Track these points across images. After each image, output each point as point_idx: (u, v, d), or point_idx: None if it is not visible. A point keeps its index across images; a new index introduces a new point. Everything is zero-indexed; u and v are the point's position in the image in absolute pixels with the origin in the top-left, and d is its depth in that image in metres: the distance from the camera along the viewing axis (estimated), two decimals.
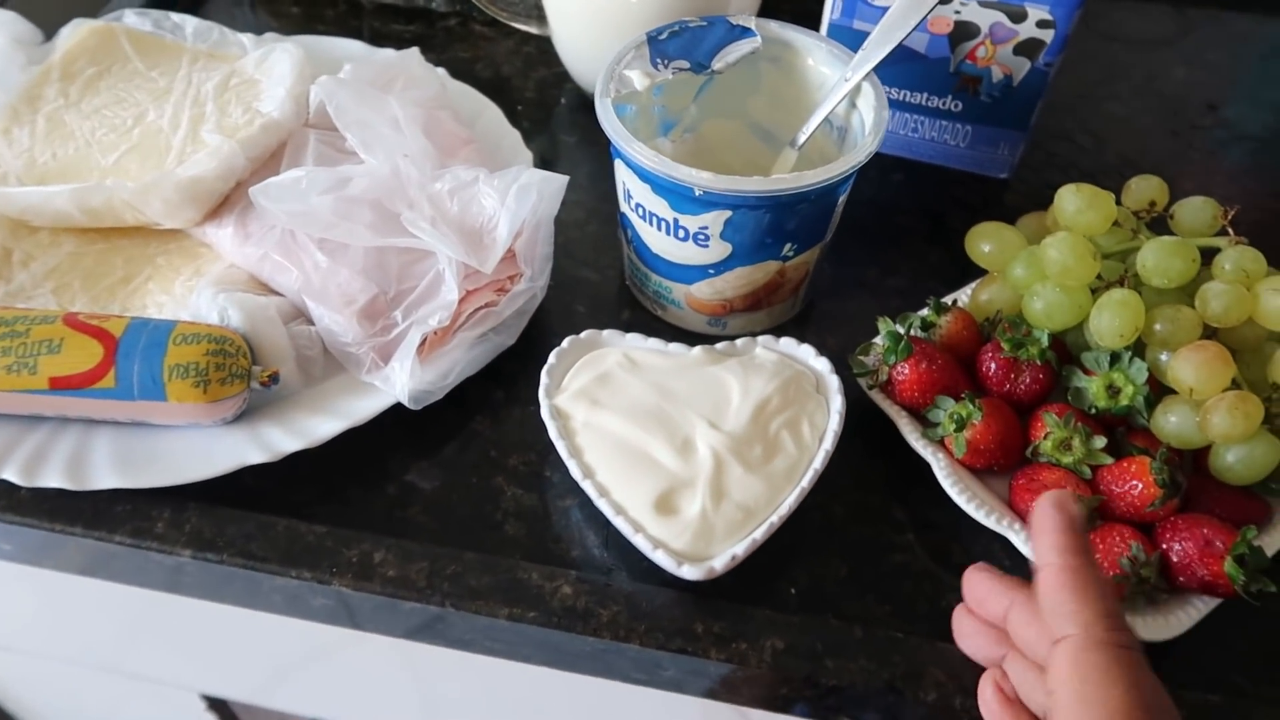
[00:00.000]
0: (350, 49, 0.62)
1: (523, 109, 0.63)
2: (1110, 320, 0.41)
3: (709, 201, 0.43)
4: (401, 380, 0.43)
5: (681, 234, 0.45)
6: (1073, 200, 0.44)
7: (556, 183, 0.47)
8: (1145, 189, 0.46)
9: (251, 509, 0.42)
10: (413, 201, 0.48)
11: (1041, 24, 0.51)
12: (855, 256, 0.54)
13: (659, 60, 0.48)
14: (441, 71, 0.60)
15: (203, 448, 0.43)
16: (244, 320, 0.45)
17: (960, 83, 0.55)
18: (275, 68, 0.57)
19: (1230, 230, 0.44)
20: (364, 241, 0.46)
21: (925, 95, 0.56)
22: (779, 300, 0.49)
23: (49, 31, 0.60)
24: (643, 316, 0.52)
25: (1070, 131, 0.62)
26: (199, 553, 0.41)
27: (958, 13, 0.52)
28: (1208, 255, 0.43)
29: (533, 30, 0.61)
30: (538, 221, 0.47)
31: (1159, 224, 0.47)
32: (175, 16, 0.61)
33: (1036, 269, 0.44)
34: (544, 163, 0.60)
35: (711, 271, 0.46)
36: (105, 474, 0.41)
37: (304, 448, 0.43)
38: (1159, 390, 0.42)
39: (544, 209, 0.47)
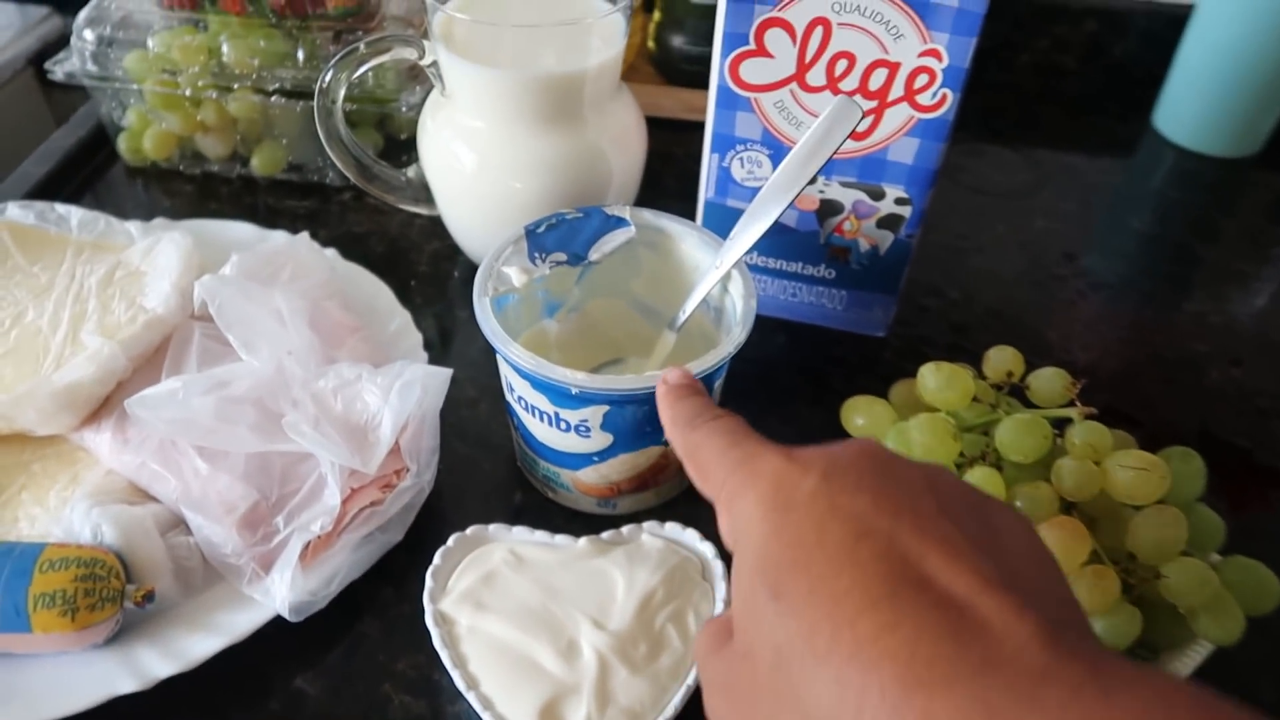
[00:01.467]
0: (240, 233, 0.63)
1: (416, 284, 0.64)
2: None
3: (586, 398, 0.44)
4: (281, 593, 0.43)
5: (564, 426, 0.46)
6: (933, 379, 0.46)
7: (440, 377, 0.48)
8: (1002, 360, 0.49)
9: None
10: (296, 400, 0.48)
11: (899, 201, 0.55)
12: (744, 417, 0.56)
13: (537, 255, 0.49)
14: (331, 252, 0.61)
15: (68, 677, 0.41)
16: (118, 536, 0.44)
17: (831, 253, 0.58)
18: (161, 259, 0.57)
19: (1078, 402, 0.46)
20: (245, 448, 0.46)
21: (800, 264, 0.59)
22: (665, 479, 0.50)
23: None
24: (535, 498, 0.52)
25: (940, 286, 0.66)
26: None
27: (822, 192, 0.55)
28: (1062, 424, 0.46)
29: (422, 212, 0.63)
30: (422, 416, 0.48)
31: (1018, 392, 0.49)
32: (60, 208, 0.61)
33: (905, 446, 0.46)
34: (438, 338, 0.61)
35: (596, 459, 0.47)
36: None
37: (180, 671, 0.42)
38: None
39: (429, 403, 0.48)
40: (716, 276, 0.48)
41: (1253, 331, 0.64)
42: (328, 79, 0.55)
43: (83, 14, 0.67)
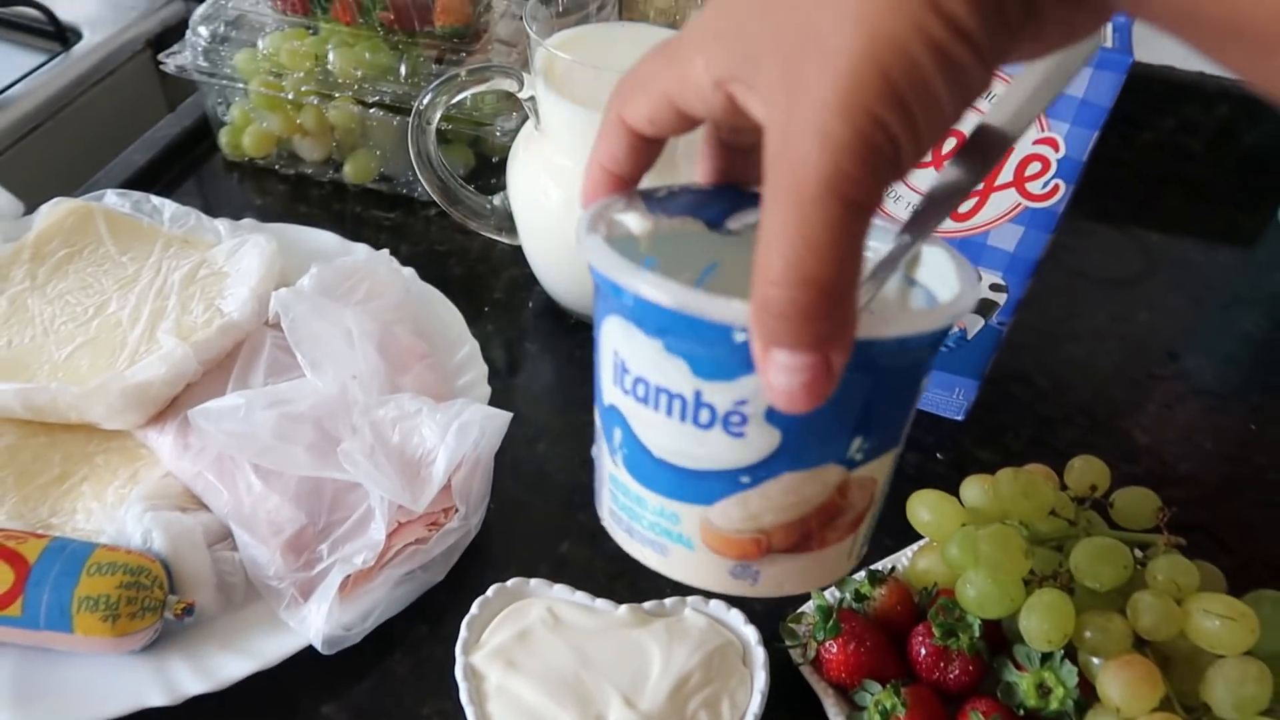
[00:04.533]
0: (325, 242, 0.63)
1: (490, 310, 0.64)
2: (1039, 624, 0.40)
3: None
4: (317, 624, 0.42)
5: (705, 416, 0.29)
6: (1010, 485, 0.44)
7: (499, 420, 0.48)
8: (1087, 472, 0.46)
9: None
10: (355, 426, 0.48)
11: (995, 287, 0.52)
12: None
13: (657, 210, 0.32)
14: (409, 272, 0.61)
15: (100, 682, 0.41)
16: (167, 544, 0.44)
17: None
18: (244, 261, 0.58)
19: (1165, 530, 0.43)
20: (299, 470, 0.46)
21: None
22: (833, 539, 0.31)
23: (31, 204, 0.62)
24: (583, 550, 0.51)
25: (1029, 372, 0.63)
26: None
27: None
28: (1145, 546, 0.43)
29: (504, 240, 0.62)
30: (477, 458, 0.47)
31: (1100, 507, 0.46)
32: (155, 199, 0.62)
33: (971, 553, 0.43)
34: (505, 368, 0.60)
35: (745, 480, 0.29)
36: None
37: (209, 690, 0.42)
38: (1091, 692, 0.41)
39: (485, 446, 0.47)
40: (909, 251, 0.30)
41: None
42: (425, 101, 0.55)
43: (200, 9, 0.68)
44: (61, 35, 0.86)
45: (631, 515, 0.32)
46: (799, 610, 0.46)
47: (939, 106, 0.21)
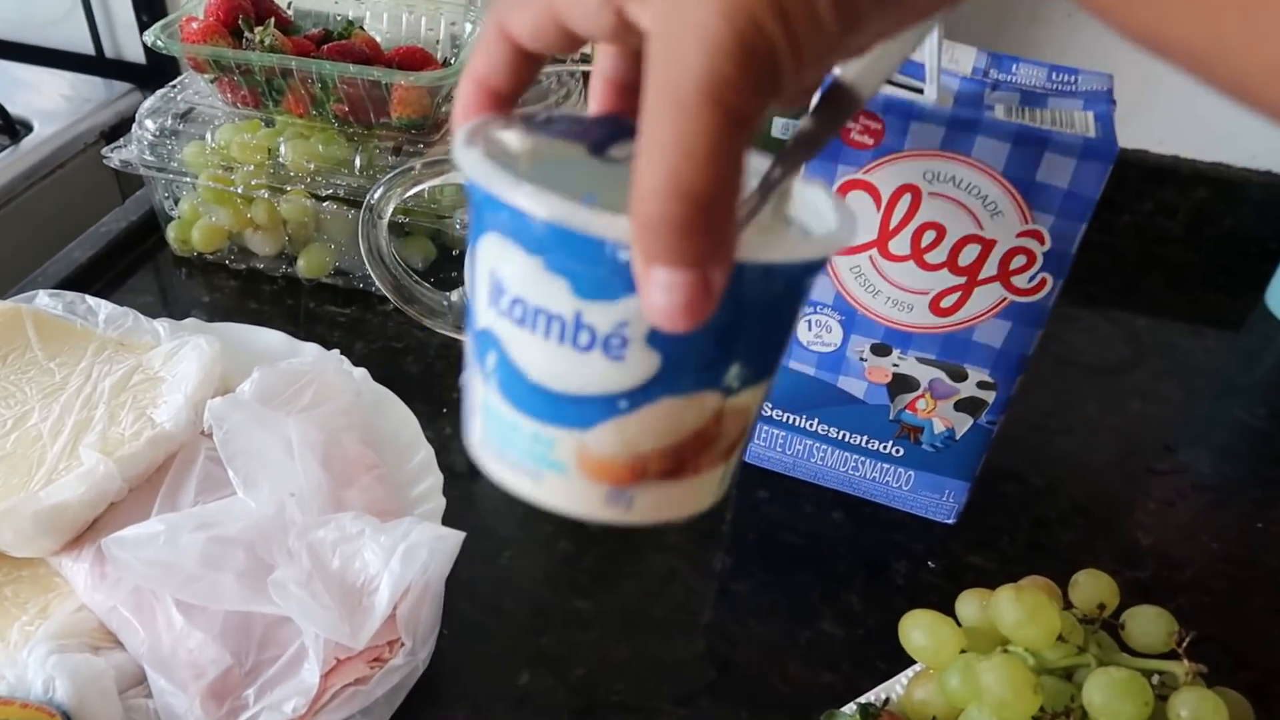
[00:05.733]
0: (272, 341, 0.59)
1: (448, 411, 0.60)
2: None
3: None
4: None
5: (585, 338, 0.28)
6: (1013, 610, 0.40)
7: (450, 540, 0.43)
8: (1094, 589, 0.42)
9: None
10: (291, 550, 0.43)
11: (982, 385, 0.49)
12: (786, 609, 0.50)
13: (539, 134, 0.31)
14: (361, 373, 0.57)
15: None
16: (71, 693, 0.39)
17: (901, 430, 0.52)
18: (181, 365, 0.54)
19: (1183, 654, 0.39)
20: (227, 604, 0.41)
21: (864, 437, 0.53)
22: (706, 466, 0.31)
23: None
24: (544, 681, 0.46)
25: (1022, 470, 0.59)
26: None
27: (896, 365, 0.50)
28: (1159, 670, 0.39)
29: (464, 339, 0.59)
30: (425, 584, 0.43)
31: (1110, 627, 0.42)
32: (90, 300, 0.58)
33: (972, 686, 0.39)
34: (465, 474, 0.56)
35: (624, 404, 0.28)
36: None
37: None
38: None
39: (434, 570, 0.43)
40: (779, 180, 0.30)
41: None
42: (377, 195, 0.52)
43: (147, 102, 0.66)
44: (10, 129, 0.84)
45: (505, 441, 0.30)
46: None
47: (819, 23, 0.21)
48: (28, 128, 0.85)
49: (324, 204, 0.64)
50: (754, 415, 0.32)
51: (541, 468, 0.30)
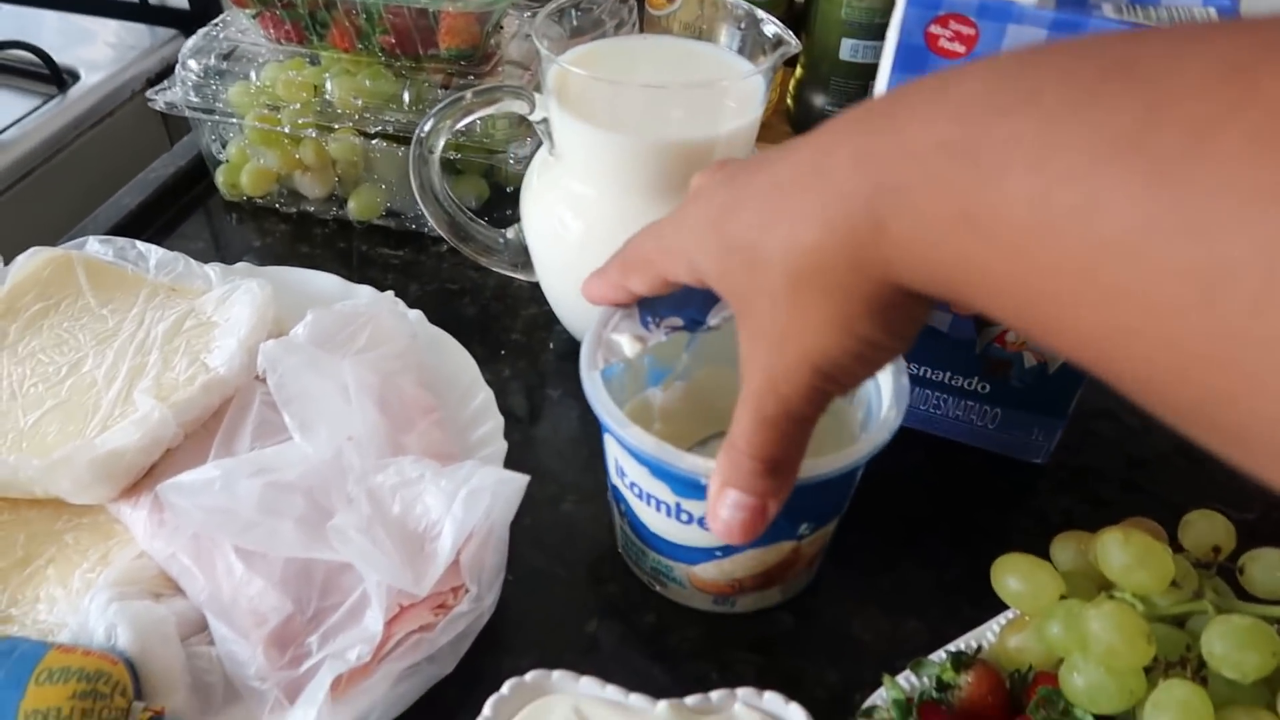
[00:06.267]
0: (325, 284, 0.57)
1: (506, 353, 0.58)
2: None
3: None
4: None
5: (685, 518, 0.39)
6: (1120, 553, 0.37)
7: (514, 484, 0.41)
8: (1207, 532, 0.39)
9: None
10: (350, 496, 0.42)
11: None
12: (865, 562, 0.47)
13: (650, 320, 0.40)
14: (417, 314, 0.55)
15: None
16: (134, 641, 0.38)
17: (988, 366, 0.49)
18: (234, 310, 0.52)
19: None
20: (286, 551, 0.40)
21: (948, 374, 0.50)
22: (793, 575, 0.43)
23: (9, 254, 0.57)
24: (614, 630, 0.44)
25: (1115, 408, 0.55)
26: None
27: None
28: None
29: (520, 278, 0.56)
30: (489, 529, 0.41)
31: (1226, 571, 0.39)
32: (140, 245, 0.57)
33: (1076, 634, 0.36)
34: (526, 417, 0.54)
35: (719, 554, 0.40)
36: None
37: None
38: None
39: (498, 514, 0.41)
40: None
41: None
42: (427, 128, 0.50)
43: (189, 43, 0.64)
44: (58, 78, 0.83)
45: (637, 558, 0.45)
46: (868, 705, 0.39)
47: (857, 379, 0.31)
48: (75, 77, 0.84)
49: (373, 142, 0.62)
50: (829, 538, 0.44)
51: (665, 579, 0.44)
